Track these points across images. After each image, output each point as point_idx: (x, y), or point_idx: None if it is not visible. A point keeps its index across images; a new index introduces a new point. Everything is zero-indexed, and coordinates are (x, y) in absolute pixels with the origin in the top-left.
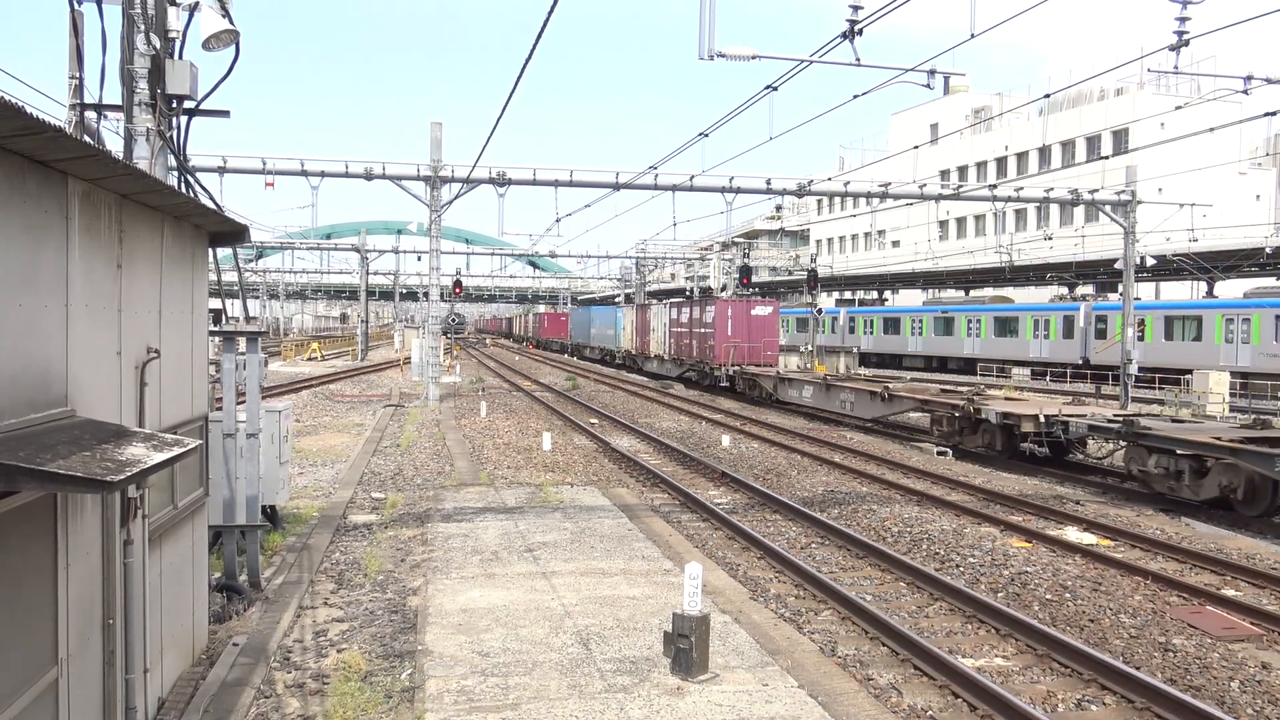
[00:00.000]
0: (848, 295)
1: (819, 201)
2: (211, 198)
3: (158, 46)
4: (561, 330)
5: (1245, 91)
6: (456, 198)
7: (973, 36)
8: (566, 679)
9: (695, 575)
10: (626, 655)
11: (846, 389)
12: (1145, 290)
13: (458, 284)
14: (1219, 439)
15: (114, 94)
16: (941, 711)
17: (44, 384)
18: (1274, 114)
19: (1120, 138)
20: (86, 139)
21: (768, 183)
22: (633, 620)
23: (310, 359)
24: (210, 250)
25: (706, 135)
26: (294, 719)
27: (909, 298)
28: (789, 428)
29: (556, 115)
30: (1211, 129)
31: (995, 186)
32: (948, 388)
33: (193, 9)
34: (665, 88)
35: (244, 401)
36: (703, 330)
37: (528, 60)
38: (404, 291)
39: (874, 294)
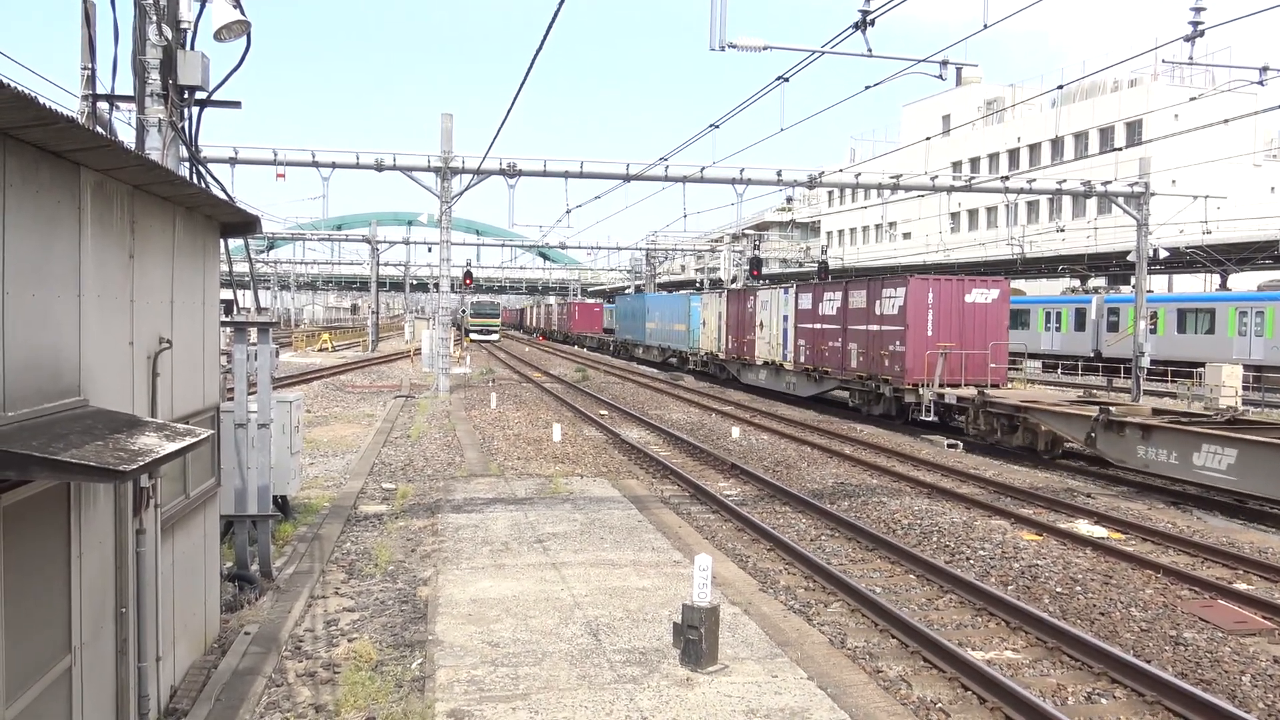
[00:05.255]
0: None
1: (830, 193)
2: (223, 188)
3: (169, 37)
4: (595, 323)
5: (1260, 83)
6: (467, 189)
7: (985, 27)
8: (576, 669)
9: (705, 567)
10: (636, 646)
11: None
12: (1158, 283)
13: (468, 275)
14: None
15: (126, 85)
16: (951, 704)
17: (57, 374)
18: None
19: (1134, 129)
20: (99, 130)
21: (778, 174)
22: (642, 611)
23: (321, 350)
24: (222, 241)
25: (717, 126)
26: (305, 708)
27: None
28: (799, 419)
29: (567, 107)
30: (1226, 121)
31: (1007, 178)
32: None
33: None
34: (676, 79)
35: (255, 392)
36: (876, 328)
37: (538, 51)
38: (414, 283)
39: None
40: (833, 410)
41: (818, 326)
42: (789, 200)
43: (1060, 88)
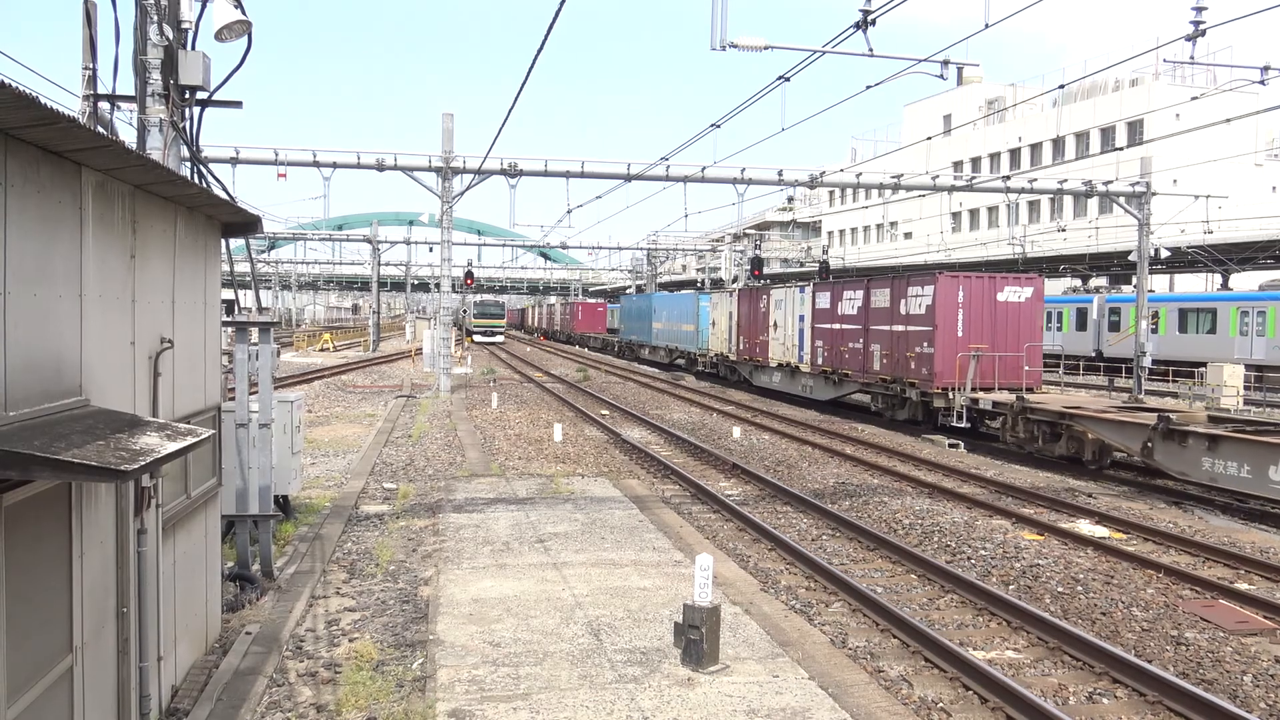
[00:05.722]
0: None
1: (831, 193)
2: (224, 188)
3: (171, 37)
4: (599, 323)
5: (1262, 82)
6: (468, 189)
7: (987, 26)
8: (577, 669)
9: (706, 566)
10: (637, 646)
11: None
12: (1159, 282)
13: (469, 275)
14: None
15: (127, 85)
16: (952, 703)
17: (58, 374)
18: None
19: (1135, 129)
20: (100, 130)
21: (779, 174)
22: (643, 611)
23: (322, 350)
24: (223, 241)
25: (718, 126)
26: (306, 707)
27: None
28: (800, 419)
29: (568, 106)
30: (1228, 120)
31: (1008, 178)
32: None
33: None
34: (677, 79)
35: (256, 392)
36: (901, 328)
37: (539, 51)
38: (416, 283)
39: None
40: (833, 410)
41: (837, 327)
42: (790, 200)
43: (1061, 87)
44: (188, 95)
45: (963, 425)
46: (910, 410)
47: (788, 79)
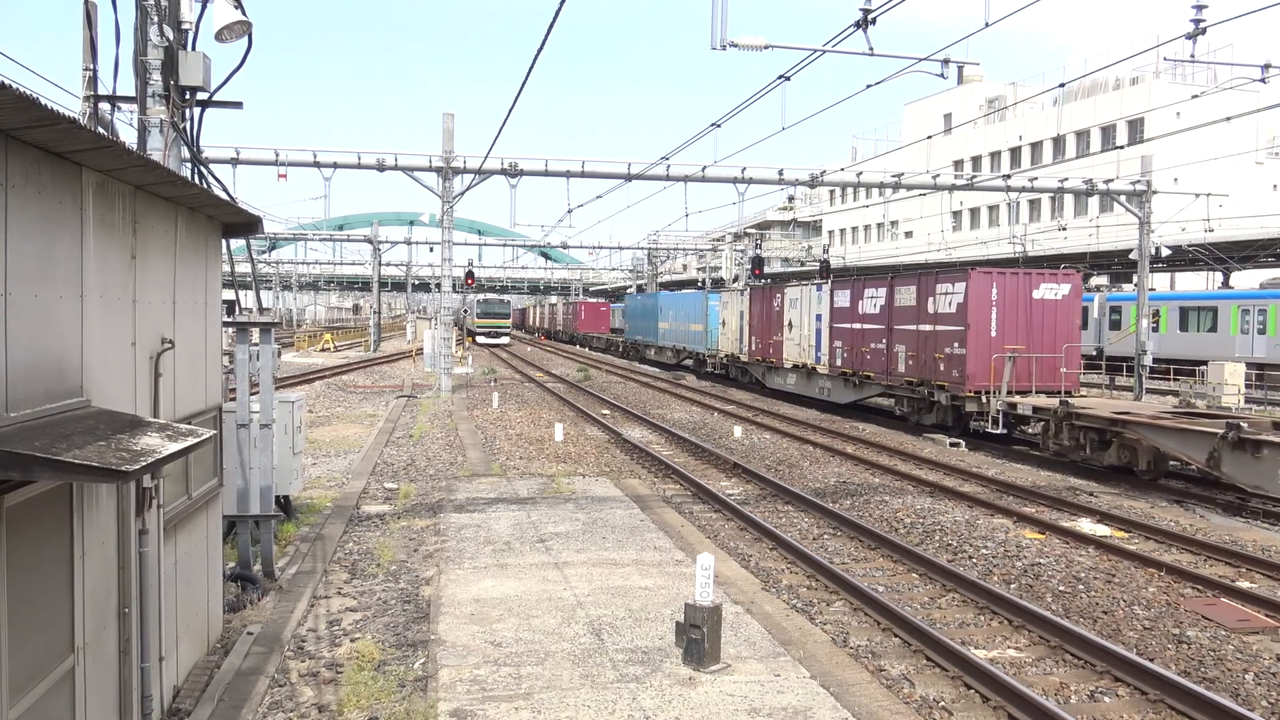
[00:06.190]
0: None
1: (831, 192)
2: (225, 189)
3: (171, 38)
4: (602, 323)
5: (1263, 80)
6: (468, 189)
7: (987, 25)
8: (579, 669)
9: (707, 566)
10: (639, 645)
11: None
12: (1160, 281)
13: (470, 275)
14: None
15: (127, 85)
16: (954, 702)
17: (59, 374)
18: None
19: (1135, 127)
20: (101, 131)
21: (780, 173)
22: (645, 610)
23: (323, 350)
24: (224, 241)
25: (719, 126)
26: (308, 708)
27: None
28: (801, 419)
29: (568, 106)
30: (1228, 118)
31: (1009, 176)
32: None
33: (205, 0)
34: (678, 78)
35: (257, 392)
36: (929, 328)
37: (539, 51)
38: (416, 283)
39: None
40: (835, 410)
41: (857, 326)
42: (790, 199)
43: (1062, 86)
44: (188, 96)
45: (998, 431)
46: (939, 415)
47: (788, 78)
